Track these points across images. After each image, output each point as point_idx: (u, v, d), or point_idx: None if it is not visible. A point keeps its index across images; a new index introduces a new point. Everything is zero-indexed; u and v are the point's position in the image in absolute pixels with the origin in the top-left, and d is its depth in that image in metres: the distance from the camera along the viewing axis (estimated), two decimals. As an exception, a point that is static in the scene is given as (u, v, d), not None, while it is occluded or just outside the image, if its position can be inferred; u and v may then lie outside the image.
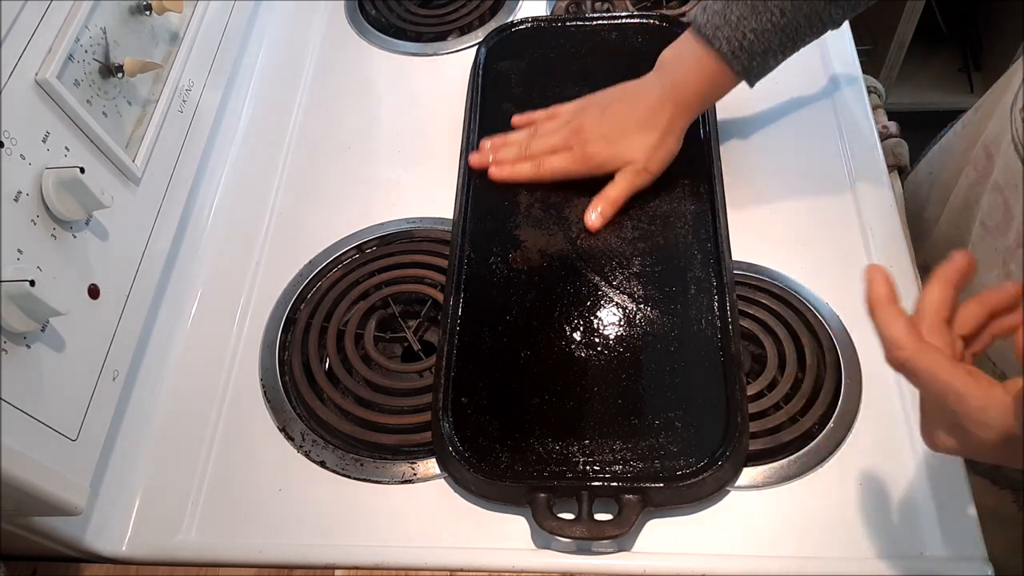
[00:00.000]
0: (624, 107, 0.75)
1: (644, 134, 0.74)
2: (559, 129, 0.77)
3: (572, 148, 0.76)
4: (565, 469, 0.63)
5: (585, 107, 0.78)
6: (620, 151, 0.74)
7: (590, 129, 0.75)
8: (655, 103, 0.74)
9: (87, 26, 0.62)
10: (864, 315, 0.70)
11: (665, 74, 0.74)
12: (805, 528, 0.62)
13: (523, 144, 0.78)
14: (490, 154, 0.79)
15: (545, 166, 0.76)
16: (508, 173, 0.77)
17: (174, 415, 0.71)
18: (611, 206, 0.74)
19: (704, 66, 0.71)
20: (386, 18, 1.00)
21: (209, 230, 0.81)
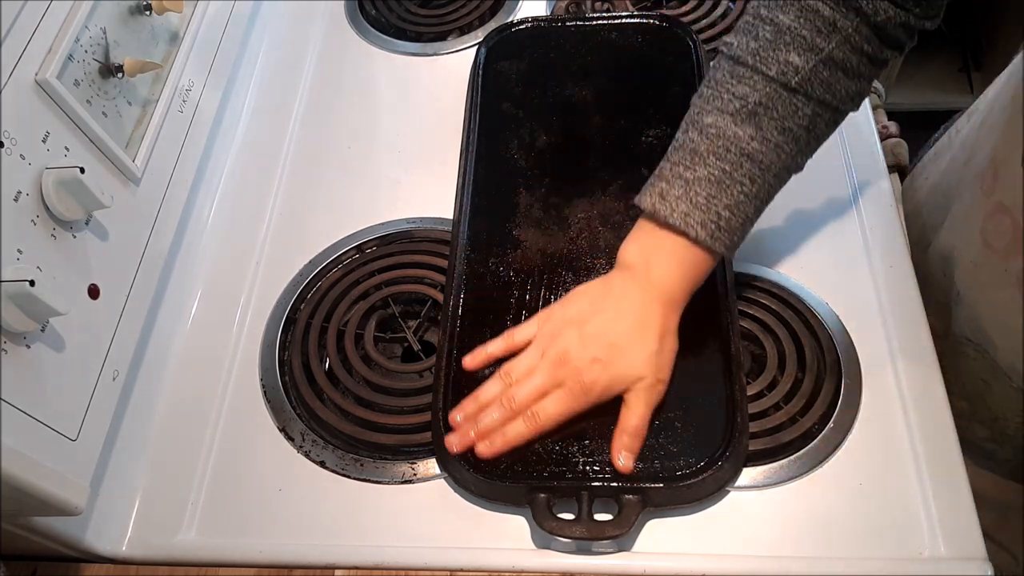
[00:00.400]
0: (606, 320, 0.65)
1: (641, 345, 0.64)
2: (537, 366, 0.65)
3: (564, 383, 0.64)
4: (565, 469, 0.63)
5: (555, 332, 0.66)
6: (622, 371, 0.64)
7: (576, 356, 0.64)
8: (640, 308, 0.65)
9: (87, 26, 0.62)
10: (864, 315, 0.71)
11: (638, 274, 0.65)
12: (805, 528, 0.62)
13: (503, 399, 0.65)
14: (470, 428, 0.64)
15: (542, 416, 0.64)
16: (502, 443, 0.64)
17: (174, 415, 0.71)
18: (638, 438, 0.63)
19: (682, 257, 0.64)
20: (386, 18, 1.00)
21: (209, 230, 0.81)
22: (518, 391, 0.64)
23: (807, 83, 0.60)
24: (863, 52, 0.60)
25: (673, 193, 0.63)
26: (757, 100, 0.61)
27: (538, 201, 0.78)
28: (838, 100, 0.62)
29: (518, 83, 0.88)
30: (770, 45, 0.61)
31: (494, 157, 0.82)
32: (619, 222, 0.76)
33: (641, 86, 0.86)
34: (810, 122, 0.62)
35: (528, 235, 0.76)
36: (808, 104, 0.61)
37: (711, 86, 0.64)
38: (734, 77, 0.62)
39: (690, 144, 0.63)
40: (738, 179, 0.62)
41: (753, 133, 0.61)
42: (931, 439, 0.64)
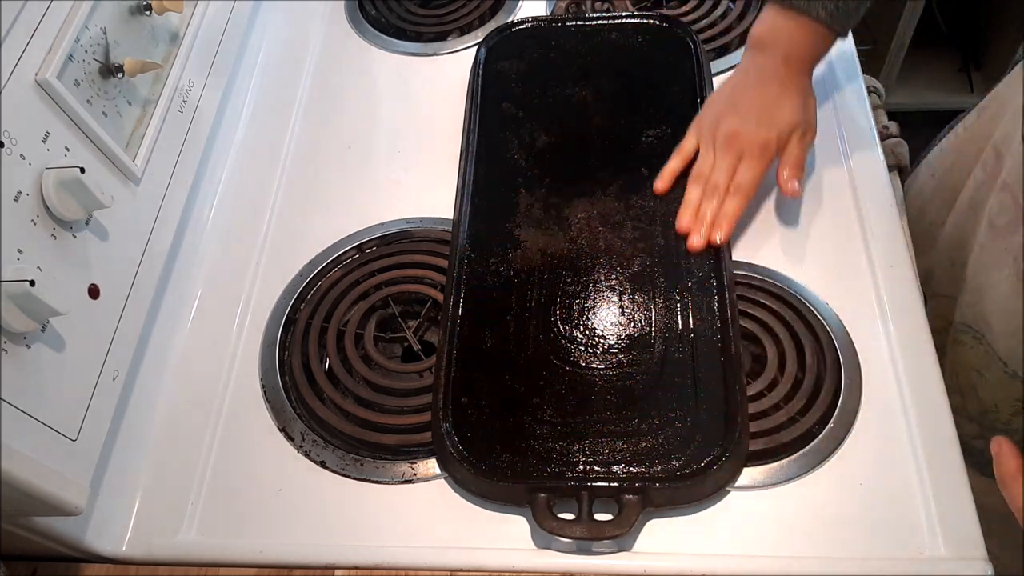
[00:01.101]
0: (754, 93, 0.76)
1: (790, 101, 0.75)
2: (718, 151, 0.76)
3: (743, 153, 0.74)
4: (565, 469, 0.63)
5: (716, 118, 0.77)
6: (781, 124, 0.74)
7: (743, 128, 0.75)
8: (781, 76, 0.74)
9: (87, 26, 0.62)
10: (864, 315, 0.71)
11: (769, 51, 0.75)
12: (805, 528, 0.62)
13: (708, 190, 0.75)
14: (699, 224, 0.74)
15: (745, 184, 0.74)
16: (727, 223, 0.74)
17: (174, 415, 0.71)
18: (799, 168, 0.75)
19: (806, 34, 0.73)
20: (386, 18, 1.00)
21: (209, 230, 0.81)
22: (716, 178, 0.75)
23: None
24: None
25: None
26: None
27: (538, 201, 0.78)
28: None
29: (518, 83, 0.88)
30: None
31: (494, 157, 0.82)
32: (619, 222, 0.76)
33: (641, 86, 0.86)
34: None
35: (528, 235, 0.76)
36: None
37: None
38: None
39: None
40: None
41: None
42: (931, 439, 0.64)
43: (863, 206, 0.77)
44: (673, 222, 0.75)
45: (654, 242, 0.75)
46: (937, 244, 0.79)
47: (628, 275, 0.73)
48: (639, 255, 0.74)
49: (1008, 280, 0.67)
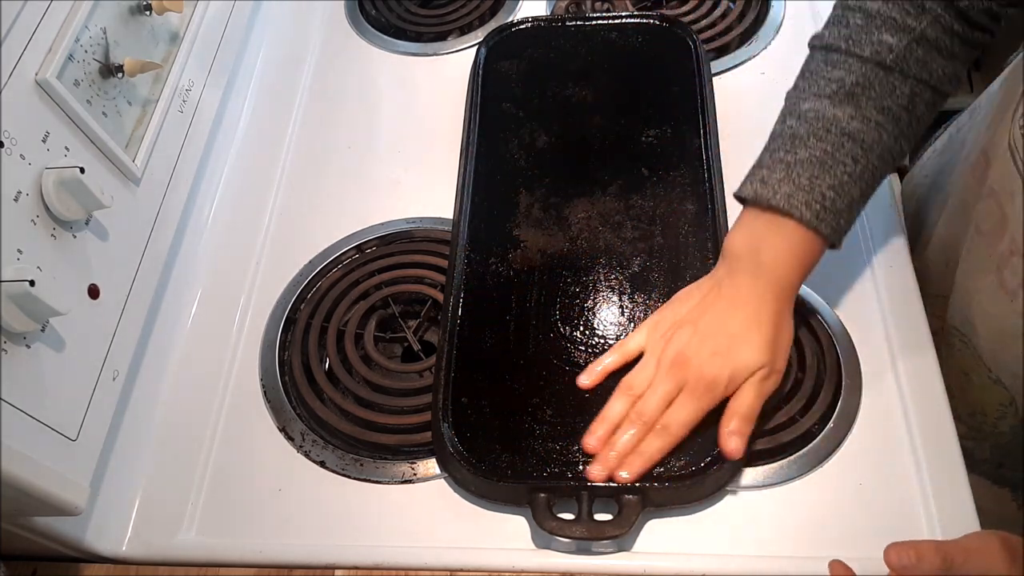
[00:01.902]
0: (719, 314, 0.65)
1: (758, 334, 0.63)
2: (658, 372, 0.64)
3: (687, 384, 0.63)
4: (565, 469, 0.63)
5: (668, 334, 0.66)
6: (744, 361, 0.63)
7: (695, 353, 0.63)
8: (753, 297, 0.64)
9: (87, 26, 0.62)
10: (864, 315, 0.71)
11: (746, 263, 0.65)
12: (805, 528, 0.62)
13: (633, 416, 0.63)
14: (607, 452, 0.62)
15: (674, 426, 0.62)
16: (641, 465, 0.62)
17: (174, 415, 0.71)
18: (748, 422, 0.62)
19: (790, 241, 0.63)
20: (386, 18, 1.00)
21: (209, 230, 0.81)
22: (645, 405, 0.63)
23: (902, 61, 0.61)
24: (954, 32, 0.61)
25: (775, 177, 0.63)
26: (854, 81, 0.62)
27: (538, 201, 0.78)
28: (935, 80, 0.62)
29: (518, 83, 0.88)
30: (861, 29, 0.62)
31: (494, 157, 0.82)
32: (619, 222, 0.76)
33: (641, 86, 0.86)
34: (909, 101, 0.62)
35: (528, 235, 0.76)
36: (905, 83, 0.61)
37: (805, 77, 0.65)
38: (828, 64, 0.63)
39: (788, 131, 0.64)
40: (840, 159, 0.62)
41: (853, 112, 0.62)
42: (931, 439, 0.64)
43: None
44: (674, 222, 0.75)
45: (654, 242, 0.75)
46: (931, 244, 0.79)
47: (628, 275, 0.73)
48: (639, 255, 0.74)
49: (992, 287, 0.67)
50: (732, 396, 0.63)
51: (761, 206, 0.63)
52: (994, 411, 0.73)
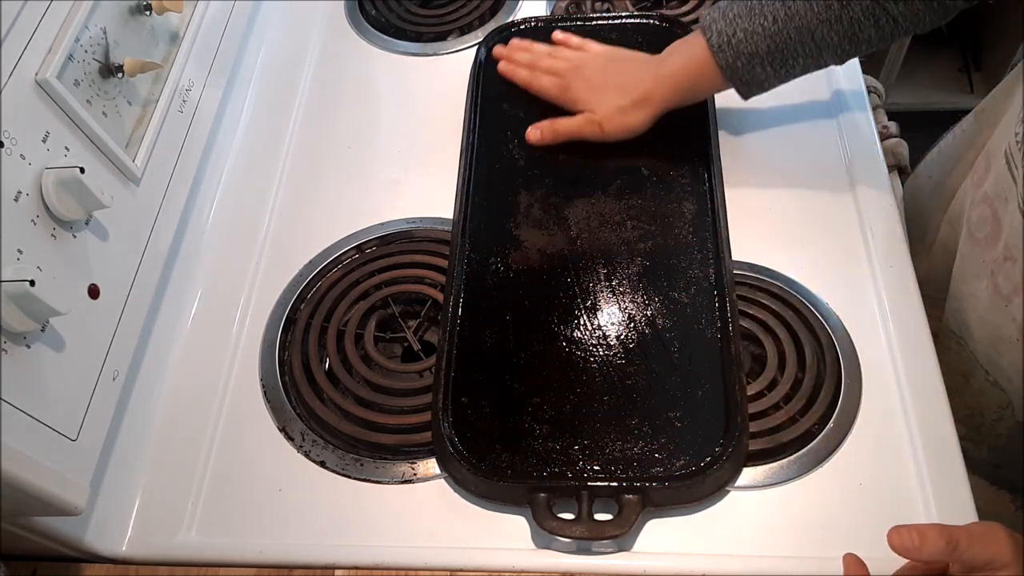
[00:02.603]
0: (618, 66, 0.81)
1: (618, 95, 0.78)
2: (569, 60, 0.83)
3: (565, 78, 0.82)
4: (565, 469, 0.63)
5: (599, 54, 0.83)
6: (593, 99, 0.79)
7: (586, 72, 0.81)
8: (640, 73, 0.78)
9: (87, 26, 0.62)
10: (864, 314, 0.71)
11: (664, 56, 0.78)
12: (805, 528, 0.62)
13: (538, 56, 0.85)
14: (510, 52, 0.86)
15: (537, 80, 0.84)
16: (509, 71, 0.86)
17: (174, 415, 0.71)
18: (552, 133, 0.81)
19: (693, 54, 0.74)
20: (386, 18, 1.00)
21: (209, 230, 0.81)
22: (545, 60, 0.84)
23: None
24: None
25: (721, 5, 0.73)
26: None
27: (538, 201, 0.78)
28: None
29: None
30: None
31: (494, 157, 0.82)
32: (619, 222, 0.76)
33: (641, 86, 0.86)
34: None
35: (528, 235, 0.76)
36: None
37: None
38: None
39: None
40: (764, 12, 0.70)
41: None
42: (931, 439, 0.64)
43: (863, 206, 0.77)
44: (673, 222, 0.75)
45: (654, 242, 0.75)
46: (933, 248, 0.79)
47: (628, 275, 0.73)
48: (639, 255, 0.74)
49: (986, 292, 0.67)
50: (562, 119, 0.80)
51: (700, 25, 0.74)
52: (992, 413, 0.73)
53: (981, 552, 0.50)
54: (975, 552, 0.50)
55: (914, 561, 0.53)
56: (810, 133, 0.84)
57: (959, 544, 0.50)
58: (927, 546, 0.50)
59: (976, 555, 0.50)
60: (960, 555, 0.50)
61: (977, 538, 0.50)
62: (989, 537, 0.51)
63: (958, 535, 0.50)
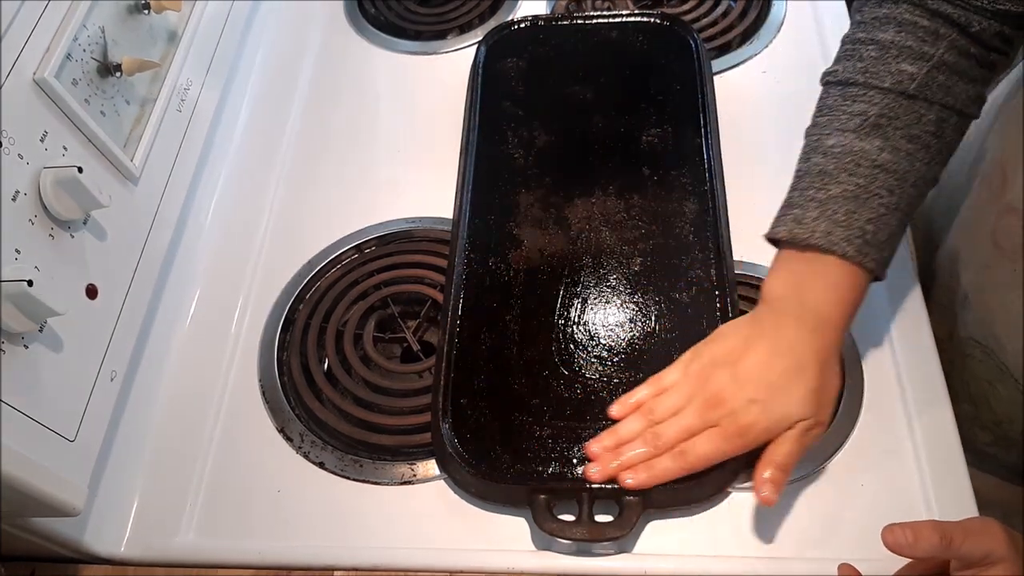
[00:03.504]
0: (761, 360, 0.61)
1: (801, 383, 0.60)
2: (686, 407, 0.62)
3: (720, 424, 0.60)
4: (565, 470, 0.63)
5: (705, 372, 0.62)
6: (783, 412, 0.60)
7: (732, 397, 0.60)
8: (797, 342, 0.61)
9: (85, 25, 0.62)
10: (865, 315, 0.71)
11: (789, 304, 0.62)
12: (806, 529, 0.62)
13: (647, 435, 0.61)
14: (611, 459, 0.61)
15: (692, 456, 0.60)
16: (647, 477, 0.60)
17: (172, 416, 0.71)
18: (784, 473, 0.59)
19: (834, 279, 0.61)
20: (385, 17, 0.99)
21: (207, 230, 0.81)
22: (665, 429, 0.61)
23: (925, 88, 0.60)
24: (971, 55, 0.60)
25: (809, 215, 0.61)
26: (878, 112, 0.60)
27: (538, 200, 0.78)
28: (960, 104, 0.61)
29: (518, 82, 0.87)
30: (877, 61, 0.60)
31: (494, 156, 0.82)
32: (619, 222, 0.76)
33: (642, 85, 0.86)
34: (936, 127, 0.60)
35: (528, 235, 0.76)
36: (931, 109, 0.60)
37: (824, 113, 0.63)
38: (847, 99, 0.62)
39: (816, 168, 0.62)
40: (875, 191, 0.60)
41: (881, 144, 0.60)
42: (933, 439, 0.64)
43: (864, 206, 0.77)
44: (677, 222, 0.75)
45: (654, 242, 0.74)
46: (939, 252, 0.79)
47: (628, 275, 0.73)
48: (639, 255, 0.74)
49: (1018, 303, 0.66)
50: (771, 443, 0.60)
51: (799, 246, 0.61)
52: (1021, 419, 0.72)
53: (977, 547, 0.50)
54: (970, 547, 0.50)
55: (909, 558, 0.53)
56: (811, 133, 0.83)
57: (953, 540, 0.50)
58: (921, 543, 0.50)
59: (972, 550, 0.50)
60: (955, 550, 0.50)
61: (972, 533, 0.50)
62: (984, 532, 0.51)
63: (952, 531, 0.50)
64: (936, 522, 0.51)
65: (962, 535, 0.50)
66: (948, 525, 0.51)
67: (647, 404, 0.63)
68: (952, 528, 0.50)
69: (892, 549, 0.51)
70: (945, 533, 0.50)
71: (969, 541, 0.50)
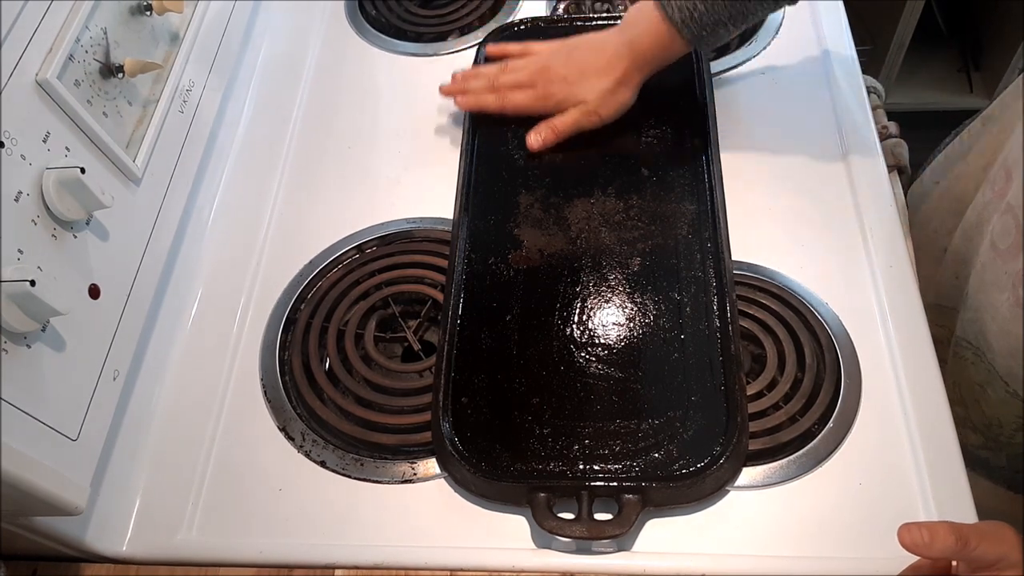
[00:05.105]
0: (587, 54, 0.80)
1: (600, 79, 0.79)
2: (527, 66, 0.82)
3: (536, 86, 0.81)
4: (565, 469, 0.63)
5: (555, 49, 0.83)
6: (577, 92, 0.79)
7: (555, 70, 0.81)
8: (613, 54, 0.79)
9: (87, 26, 0.62)
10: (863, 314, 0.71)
11: (626, 30, 0.79)
12: (805, 528, 0.62)
13: (492, 77, 0.83)
14: (462, 84, 0.84)
15: (508, 100, 0.82)
16: (474, 102, 0.83)
17: (174, 415, 0.71)
18: (554, 133, 0.80)
19: (658, 30, 0.76)
20: (386, 18, 1.00)
21: (209, 230, 0.81)
22: (503, 77, 0.83)
23: None
24: None
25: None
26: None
27: (538, 201, 0.79)
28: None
29: (518, 83, 0.88)
30: None
31: (494, 157, 0.82)
32: (619, 222, 0.76)
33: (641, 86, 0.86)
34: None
35: (528, 235, 0.76)
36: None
37: None
38: None
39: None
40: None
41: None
42: (930, 439, 0.65)
43: (863, 206, 0.78)
44: (673, 222, 0.76)
45: (654, 242, 0.75)
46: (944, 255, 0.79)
47: (628, 275, 0.73)
48: (639, 255, 0.74)
49: (1008, 303, 0.67)
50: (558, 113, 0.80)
51: None
52: (1011, 423, 0.72)
53: (990, 550, 0.50)
54: (984, 550, 0.50)
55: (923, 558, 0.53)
56: (810, 133, 0.84)
57: (969, 542, 0.50)
58: (937, 543, 0.50)
59: (985, 553, 0.50)
60: (970, 553, 0.50)
61: (987, 536, 0.50)
62: (998, 536, 0.51)
63: (968, 533, 0.50)
64: (952, 523, 0.51)
65: (977, 538, 0.50)
66: (964, 527, 0.51)
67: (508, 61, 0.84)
68: (968, 530, 0.51)
69: (908, 548, 0.51)
70: (961, 535, 0.50)
71: (983, 544, 0.50)
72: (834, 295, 0.72)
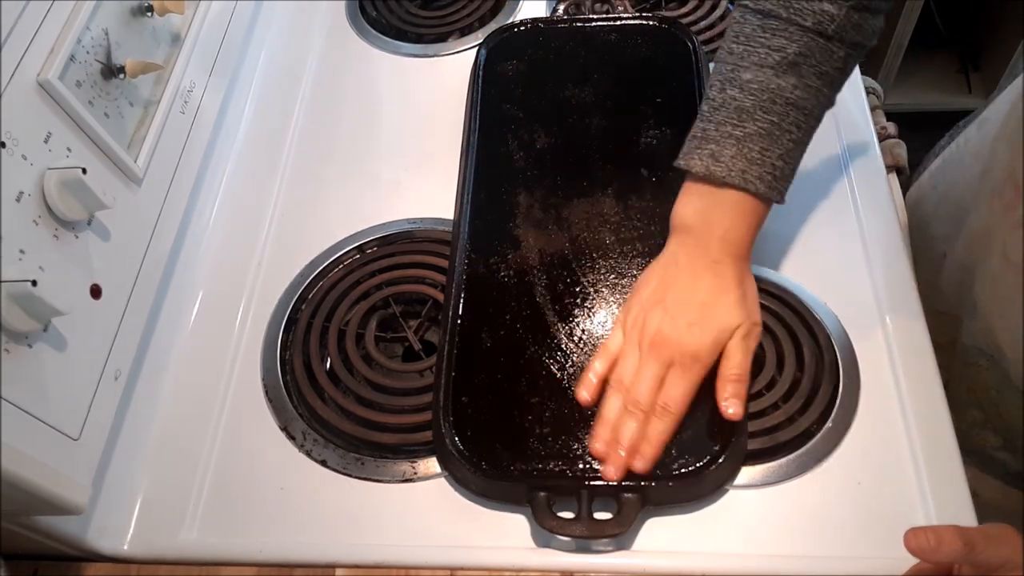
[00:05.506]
0: (684, 288, 0.66)
1: (726, 295, 0.65)
2: (643, 355, 0.65)
3: (673, 362, 0.64)
4: (565, 468, 0.63)
5: (640, 320, 0.66)
6: (719, 325, 0.64)
7: (671, 329, 0.64)
8: (712, 265, 0.66)
9: (89, 27, 0.62)
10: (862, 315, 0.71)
11: (700, 235, 0.66)
12: (804, 527, 0.62)
13: (630, 407, 0.64)
14: (616, 449, 0.62)
15: (672, 404, 0.63)
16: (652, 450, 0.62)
17: (176, 415, 0.71)
18: (742, 384, 0.64)
19: (742, 210, 0.65)
20: (387, 19, 1.00)
21: (211, 230, 0.82)
22: (638, 392, 0.64)
23: (842, 30, 0.62)
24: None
25: (727, 153, 0.64)
26: (796, 51, 0.63)
27: (538, 201, 0.79)
28: (867, 39, 0.64)
29: (518, 84, 0.88)
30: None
31: (494, 157, 0.82)
32: (619, 222, 0.76)
33: (640, 87, 0.86)
34: (843, 64, 0.65)
35: (528, 235, 0.76)
36: (842, 48, 0.63)
37: (741, 41, 0.65)
38: (766, 31, 0.64)
39: (733, 103, 0.65)
40: (786, 128, 0.64)
41: (796, 82, 0.63)
42: (929, 438, 0.65)
43: (861, 207, 0.78)
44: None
45: (654, 242, 0.75)
46: (945, 262, 0.78)
47: (628, 275, 0.73)
48: (639, 255, 0.74)
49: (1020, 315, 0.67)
50: (720, 361, 0.64)
51: (714, 183, 0.65)
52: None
53: (997, 554, 0.50)
54: (991, 554, 0.50)
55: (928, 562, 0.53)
56: (809, 134, 0.84)
57: (976, 545, 0.50)
58: (944, 547, 0.50)
59: (992, 556, 0.50)
60: (976, 556, 0.50)
61: (992, 539, 0.50)
62: (1003, 539, 0.51)
63: (975, 536, 0.50)
64: (958, 527, 0.51)
65: (984, 541, 0.50)
66: (970, 531, 0.51)
67: (613, 379, 0.66)
68: (974, 534, 0.50)
69: (914, 552, 0.51)
70: (968, 539, 0.50)
71: (990, 548, 0.50)
72: (832, 295, 0.72)
